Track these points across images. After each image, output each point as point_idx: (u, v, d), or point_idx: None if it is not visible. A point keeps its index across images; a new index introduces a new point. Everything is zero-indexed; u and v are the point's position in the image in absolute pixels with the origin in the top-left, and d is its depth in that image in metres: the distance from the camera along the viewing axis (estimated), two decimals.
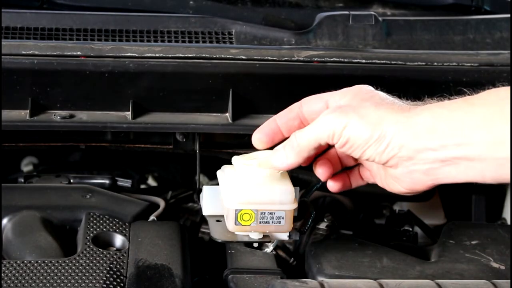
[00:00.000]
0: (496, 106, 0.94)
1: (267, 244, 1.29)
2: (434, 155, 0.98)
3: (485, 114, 0.95)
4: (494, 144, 0.94)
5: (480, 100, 0.97)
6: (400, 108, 1.02)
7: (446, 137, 0.97)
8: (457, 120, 0.96)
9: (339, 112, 1.03)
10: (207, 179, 1.66)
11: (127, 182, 1.42)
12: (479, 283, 1.02)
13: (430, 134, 0.98)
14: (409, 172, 1.03)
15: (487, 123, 0.94)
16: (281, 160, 1.10)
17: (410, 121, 0.99)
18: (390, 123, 1.00)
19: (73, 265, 1.15)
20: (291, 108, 1.13)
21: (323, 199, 1.52)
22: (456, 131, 0.96)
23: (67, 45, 1.32)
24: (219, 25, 1.48)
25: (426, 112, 0.99)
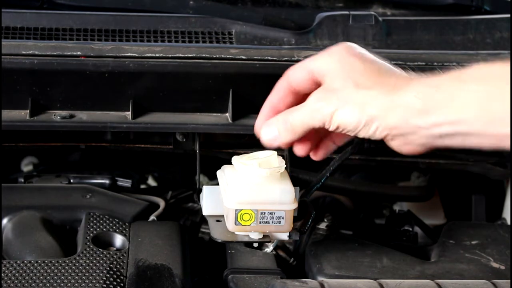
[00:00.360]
0: (491, 84, 0.92)
1: (267, 244, 1.29)
2: (428, 132, 0.98)
3: (479, 91, 0.93)
4: (492, 122, 0.93)
5: (471, 77, 0.95)
6: (384, 87, 1.00)
7: (438, 116, 0.95)
8: (448, 99, 0.94)
9: (324, 101, 1.03)
10: (207, 179, 1.66)
11: (127, 182, 1.42)
12: (479, 283, 1.03)
13: (421, 115, 0.97)
14: (405, 144, 1.02)
15: (482, 101, 0.93)
16: (272, 135, 1.10)
17: (397, 103, 0.98)
18: (374, 107, 0.99)
19: (73, 265, 1.15)
20: (279, 88, 1.12)
21: (323, 199, 1.53)
22: (448, 109, 0.94)
23: (67, 45, 1.32)
24: (219, 25, 1.48)
25: (413, 91, 0.97)
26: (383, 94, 0.99)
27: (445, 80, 0.96)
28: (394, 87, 0.99)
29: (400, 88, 0.98)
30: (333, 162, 1.32)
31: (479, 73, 0.95)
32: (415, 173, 1.60)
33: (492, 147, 0.96)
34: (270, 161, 1.14)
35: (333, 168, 1.32)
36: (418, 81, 0.99)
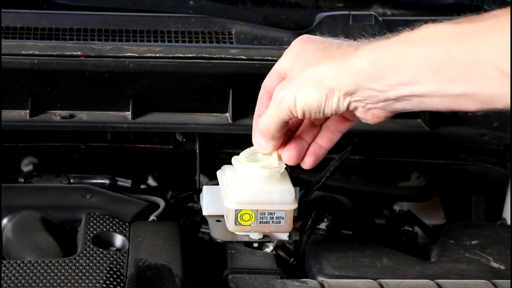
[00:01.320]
0: (441, 46, 0.93)
1: (267, 244, 1.29)
2: (384, 95, 0.99)
3: (430, 54, 0.94)
4: (445, 83, 0.94)
5: (419, 38, 0.95)
6: (334, 58, 1.01)
7: (391, 78, 0.97)
8: (399, 61, 0.95)
9: (284, 89, 1.04)
10: (207, 179, 1.66)
11: (127, 182, 1.42)
12: (479, 283, 1.03)
13: (374, 79, 0.98)
14: (368, 110, 1.03)
15: (434, 64, 0.93)
16: (264, 147, 1.11)
17: (350, 71, 0.99)
18: (330, 79, 1.00)
19: (73, 265, 1.15)
20: (261, 99, 1.13)
21: (323, 199, 1.52)
22: (399, 71, 0.96)
23: (67, 45, 1.32)
24: (219, 25, 1.48)
25: (363, 57, 0.98)
26: (334, 65, 1.00)
27: (394, 42, 0.97)
28: (344, 56, 1.00)
29: (350, 56, 1.00)
30: (333, 162, 1.32)
31: (428, 34, 0.95)
32: (415, 173, 1.60)
33: (448, 109, 0.97)
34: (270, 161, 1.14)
35: (333, 168, 1.32)
36: (366, 47, 1.00)
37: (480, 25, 0.90)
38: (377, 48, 0.98)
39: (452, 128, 1.41)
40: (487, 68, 0.90)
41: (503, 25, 0.88)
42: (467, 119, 1.43)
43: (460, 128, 1.41)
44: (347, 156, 1.35)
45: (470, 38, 0.91)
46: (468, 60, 0.91)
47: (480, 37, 0.90)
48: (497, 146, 1.38)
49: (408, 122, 1.42)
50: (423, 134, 1.39)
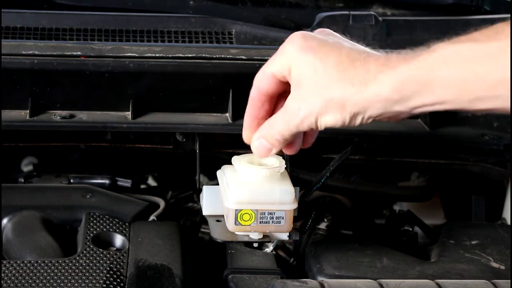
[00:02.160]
0: (466, 68, 0.93)
1: (267, 244, 1.29)
2: (408, 113, 1.00)
3: (454, 76, 0.94)
4: (472, 101, 0.94)
5: (441, 62, 0.95)
6: (352, 79, 1.00)
7: (416, 101, 0.97)
8: (424, 87, 0.96)
9: (302, 104, 1.03)
10: (207, 179, 1.66)
11: (127, 182, 1.42)
12: (479, 283, 1.03)
13: (400, 103, 0.98)
14: (389, 119, 1.03)
15: (460, 85, 0.94)
16: (265, 148, 1.10)
17: (374, 98, 0.99)
18: (354, 106, 1.00)
19: (73, 265, 1.15)
20: (253, 99, 1.11)
21: (323, 199, 1.52)
22: (425, 95, 0.96)
23: (67, 45, 1.32)
24: (219, 25, 1.48)
25: (385, 85, 0.98)
26: (356, 91, 1.00)
27: (414, 68, 0.97)
28: (364, 82, 0.99)
29: (370, 82, 0.99)
30: (333, 162, 1.32)
31: (446, 55, 0.95)
32: (415, 173, 1.60)
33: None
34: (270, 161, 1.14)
35: (333, 168, 1.32)
36: (386, 72, 0.99)
37: (503, 43, 0.90)
38: (398, 75, 0.97)
39: (452, 128, 1.41)
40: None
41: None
42: (467, 119, 1.43)
43: (460, 128, 1.41)
44: (347, 156, 1.35)
45: (495, 57, 0.91)
46: (495, 79, 0.91)
47: (506, 56, 0.90)
48: (497, 146, 1.38)
49: (408, 122, 1.42)
50: (423, 134, 1.39)
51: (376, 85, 0.98)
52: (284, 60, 1.05)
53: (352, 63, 1.01)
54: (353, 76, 1.00)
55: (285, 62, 1.05)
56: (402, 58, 0.98)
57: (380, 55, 1.01)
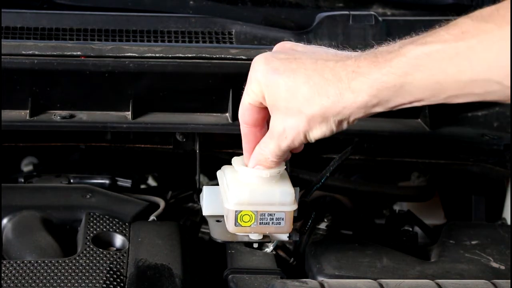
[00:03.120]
0: (437, 69, 0.94)
1: (267, 244, 1.29)
2: (391, 108, 1.01)
3: (427, 78, 0.95)
4: (448, 98, 0.96)
5: (412, 66, 0.96)
6: (327, 92, 1.01)
7: (394, 101, 0.99)
8: (399, 90, 0.97)
9: (286, 123, 1.04)
10: (207, 179, 1.66)
11: (127, 182, 1.42)
12: (479, 283, 1.03)
13: (380, 105, 1.00)
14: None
15: (433, 86, 0.95)
16: (264, 170, 1.11)
17: (353, 105, 1.00)
18: (335, 113, 1.01)
19: (73, 265, 1.15)
20: (247, 135, 1.12)
21: (323, 199, 1.52)
22: (402, 96, 0.98)
23: (67, 45, 1.32)
24: (219, 25, 1.48)
25: (362, 92, 0.98)
26: (333, 102, 1.00)
27: (387, 73, 0.97)
28: (339, 94, 1.00)
29: (346, 91, 1.00)
30: (333, 162, 1.32)
31: (417, 58, 0.95)
32: (415, 173, 1.60)
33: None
34: None
35: (333, 168, 1.32)
36: (359, 80, 0.99)
37: (471, 42, 0.91)
38: (372, 82, 0.98)
39: (452, 128, 1.41)
40: (486, 84, 0.91)
41: (494, 38, 0.90)
42: (467, 119, 1.43)
43: (460, 128, 1.41)
44: (347, 156, 1.35)
45: (465, 57, 0.92)
46: (467, 79, 0.92)
47: (476, 55, 0.91)
48: (497, 146, 1.38)
49: (408, 122, 1.42)
50: (423, 134, 1.39)
51: (352, 94, 0.99)
52: (255, 88, 1.06)
53: (321, 76, 1.01)
54: (326, 89, 1.01)
55: (256, 90, 1.06)
56: (372, 62, 0.98)
57: (347, 58, 1.01)
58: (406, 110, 1.40)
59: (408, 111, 1.41)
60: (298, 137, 1.05)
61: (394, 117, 1.42)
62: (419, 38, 0.97)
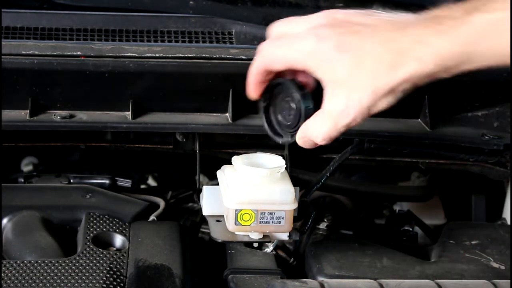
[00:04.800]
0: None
1: (267, 244, 1.29)
2: (445, 76, 1.02)
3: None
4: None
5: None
6: (394, 65, 1.00)
7: (454, 69, 1.00)
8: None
9: (351, 102, 1.02)
10: (207, 179, 1.66)
11: (127, 182, 1.42)
12: (479, 283, 1.03)
13: (438, 73, 1.01)
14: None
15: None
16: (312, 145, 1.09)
17: (411, 74, 1.00)
18: (399, 84, 1.01)
19: (73, 265, 1.15)
20: (258, 75, 1.10)
21: (323, 199, 1.52)
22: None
23: (67, 45, 1.32)
24: (219, 25, 1.48)
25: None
26: (400, 73, 1.00)
27: (457, 42, 0.97)
28: (406, 61, 0.99)
29: (411, 61, 0.99)
30: (333, 162, 1.32)
31: (484, 26, 0.95)
32: (415, 173, 1.60)
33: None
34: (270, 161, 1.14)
35: (333, 168, 1.32)
36: (425, 51, 0.98)
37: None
38: (438, 51, 0.98)
39: (452, 128, 1.41)
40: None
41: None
42: (467, 119, 1.43)
43: (460, 128, 1.41)
44: (347, 156, 1.35)
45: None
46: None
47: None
48: (497, 146, 1.38)
49: (408, 122, 1.42)
50: (423, 134, 1.39)
51: (417, 63, 0.99)
52: (316, 57, 1.02)
53: (384, 47, 1.00)
54: (391, 60, 0.99)
55: (317, 59, 1.02)
56: (436, 30, 0.97)
57: (405, 25, 1.00)
58: (406, 110, 1.41)
59: (408, 111, 1.41)
60: (361, 113, 1.02)
61: (394, 117, 1.42)
62: (483, 4, 0.95)
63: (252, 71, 1.09)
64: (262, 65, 1.08)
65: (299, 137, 1.08)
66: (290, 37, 1.06)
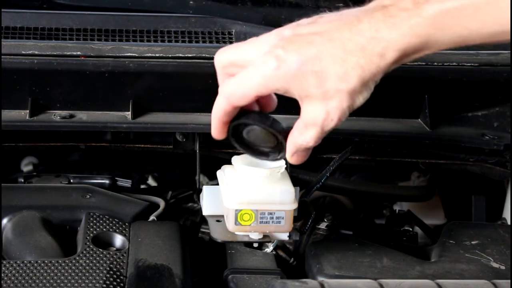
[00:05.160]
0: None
1: (267, 244, 1.29)
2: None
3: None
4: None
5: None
6: (363, 60, 1.01)
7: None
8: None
9: (331, 108, 1.02)
10: (207, 179, 1.66)
11: (127, 182, 1.42)
12: (479, 283, 1.02)
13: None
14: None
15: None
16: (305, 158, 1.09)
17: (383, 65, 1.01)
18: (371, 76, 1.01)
19: (73, 265, 1.15)
20: (228, 113, 1.08)
21: (323, 199, 1.53)
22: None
23: (67, 45, 1.32)
24: (219, 25, 1.48)
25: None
26: (369, 69, 1.00)
27: (411, 35, 0.98)
28: (370, 61, 1.00)
29: (374, 57, 0.99)
30: (333, 162, 1.32)
31: (435, 13, 0.96)
32: (415, 173, 1.60)
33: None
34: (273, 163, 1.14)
35: (333, 168, 1.32)
36: (382, 45, 0.99)
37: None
38: (395, 45, 0.99)
39: (452, 128, 1.41)
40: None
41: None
42: (467, 119, 1.43)
43: (460, 128, 1.41)
44: (347, 156, 1.35)
45: (486, 12, 0.94)
46: (492, 31, 0.95)
47: (497, 9, 0.93)
48: (497, 146, 1.38)
49: (408, 122, 1.42)
50: (423, 134, 1.39)
51: (379, 57, 0.99)
52: (283, 79, 1.02)
53: (344, 50, 1.00)
54: (356, 62, 0.99)
55: (276, 84, 1.02)
56: (390, 23, 0.98)
57: (357, 21, 1.00)
58: (406, 110, 1.41)
59: (408, 111, 1.41)
60: (343, 114, 1.03)
61: (394, 117, 1.42)
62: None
63: (217, 114, 1.08)
64: (228, 106, 1.07)
65: (290, 154, 1.07)
66: (247, 68, 1.05)
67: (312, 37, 1.01)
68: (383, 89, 1.10)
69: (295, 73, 1.01)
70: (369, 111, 1.30)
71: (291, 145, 1.07)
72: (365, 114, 1.37)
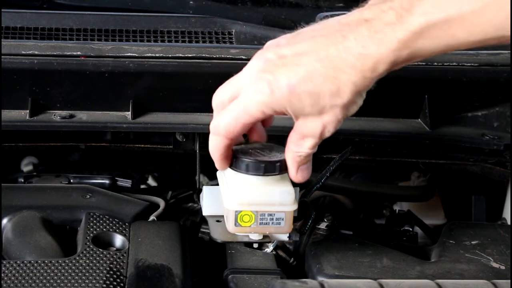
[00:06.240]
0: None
1: (267, 244, 1.29)
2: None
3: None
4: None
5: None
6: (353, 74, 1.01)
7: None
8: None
9: (327, 122, 1.04)
10: (207, 179, 1.66)
11: (127, 182, 1.42)
12: (479, 283, 1.02)
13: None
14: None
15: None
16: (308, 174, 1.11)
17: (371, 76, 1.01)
18: (363, 88, 1.02)
19: (73, 265, 1.15)
20: (226, 148, 1.11)
21: (323, 199, 1.52)
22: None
23: (67, 45, 1.32)
24: (219, 25, 1.48)
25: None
26: (361, 83, 1.01)
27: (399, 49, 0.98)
28: (362, 76, 1.00)
29: (365, 72, 1.00)
30: (333, 162, 1.32)
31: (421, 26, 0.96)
32: (415, 173, 1.60)
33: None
34: None
35: (333, 168, 1.32)
36: (371, 60, 0.99)
37: (476, 5, 0.93)
38: (384, 59, 0.99)
39: (452, 128, 1.41)
40: (501, 38, 0.94)
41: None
42: (467, 119, 1.43)
43: (460, 128, 1.41)
44: (347, 156, 1.35)
45: (473, 23, 0.94)
46: (479, 39, 0.95)
47: (483, 19, 0.93)
48: (497, 146, 1.38)
49: (408, 122, 1.42)
50: (423, 134, 1.39)
51: (370, 72, 0.99)
52: (277, 102, 1.02)
53: (334, 67, 1.00)
54: (348, 78, 1.00)
55: (278, 104, 1.02)
56: (377, 39, 0.98)
57: (343, 38, 1.00)
58: (406, 110, 1.41)
59: (408, 111, 1.41)
60: (339, 124, 1.04)
61: (394, 117, 1.42)
62: (415, 6, 0.96)
63: (217, 148, 1.11)
64: (227, 141, 1.09)
65: (294, 173, 1.09)
66: (239, 97, 1.05)
67: (298, 59, 1.02)
68: (383, 89, 1.10)
69: (289, 95, 1.01)
70: (369, 111, 1.30)
71: (291, 161, 1.09)
72: (365, 114, 1.37)
